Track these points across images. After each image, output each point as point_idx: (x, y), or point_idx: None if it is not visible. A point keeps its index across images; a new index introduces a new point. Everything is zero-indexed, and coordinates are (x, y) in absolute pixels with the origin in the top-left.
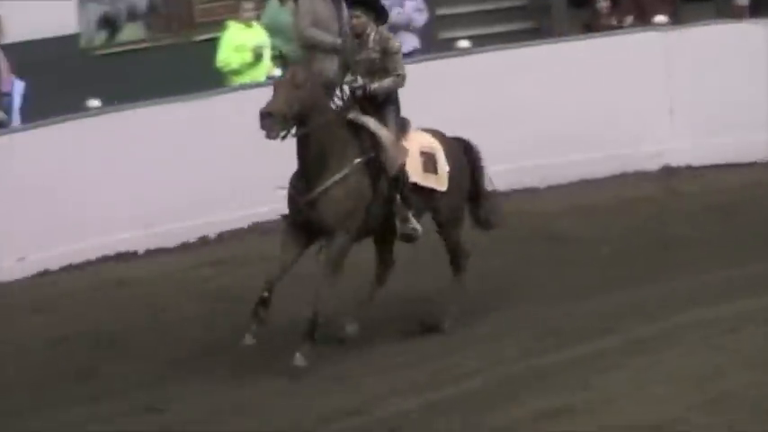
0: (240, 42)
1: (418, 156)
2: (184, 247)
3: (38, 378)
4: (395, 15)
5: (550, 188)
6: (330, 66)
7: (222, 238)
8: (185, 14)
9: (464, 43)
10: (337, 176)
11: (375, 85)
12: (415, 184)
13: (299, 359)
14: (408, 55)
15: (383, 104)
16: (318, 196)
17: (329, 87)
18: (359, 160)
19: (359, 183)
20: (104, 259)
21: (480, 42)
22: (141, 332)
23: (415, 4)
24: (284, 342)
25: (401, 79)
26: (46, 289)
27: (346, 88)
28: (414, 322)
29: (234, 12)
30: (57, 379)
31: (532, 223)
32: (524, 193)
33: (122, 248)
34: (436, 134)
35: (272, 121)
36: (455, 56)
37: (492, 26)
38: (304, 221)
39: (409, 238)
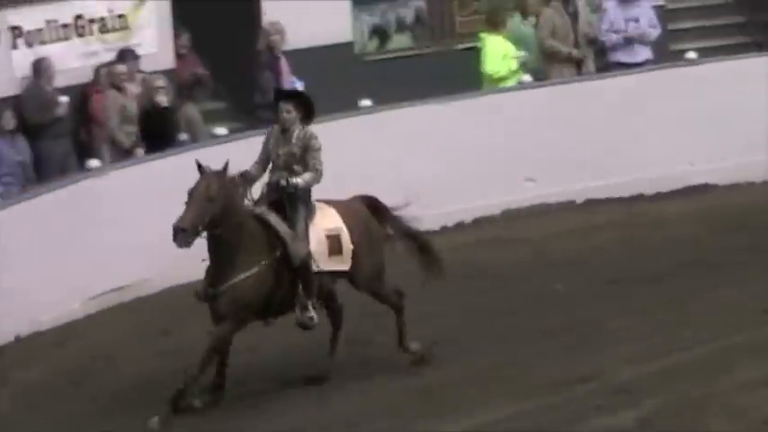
0: (504, 52)
1: (324, 240)
2: (444, 229)
3: None
4: (631, 29)
5: None
6: (568, 72)
7: (478, 222)
8: (447, 26)
9: (692, 54)
10: (242, 275)
11: (298, 181)
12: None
13: (154, 423)
14: (641, 65)
15: (296, 197)
16: (223, 291)
17: (248, 181)
18: (264, 262)
19: (263, 280)
20: None
21: (705, 54)
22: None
23: (648, 20)
24: None
25: (319, 175)
26: None
27: (274, 182)
28: None
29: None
30: None
31: None
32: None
33: None
34: (339, 207)
35: (183, 236)
36: (683, 65)
37: (716, 40)
38: (211, 308)
39: (305, 326)
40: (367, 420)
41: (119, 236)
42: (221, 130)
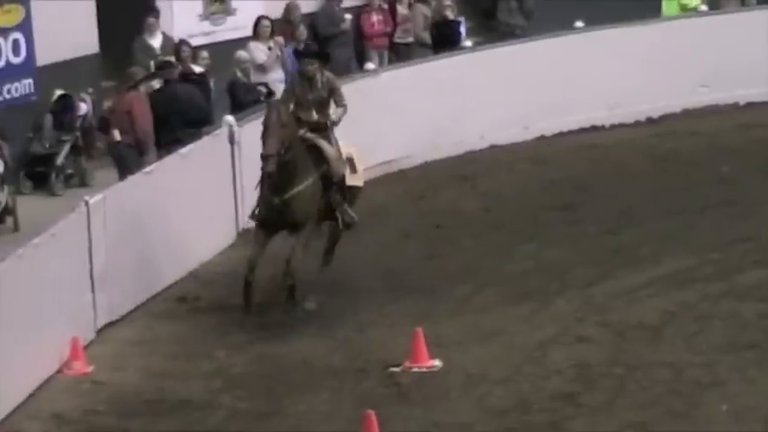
0: None
1: (346, 162)
2: (638, 123)
3: (524, 211)
4: None
5: None
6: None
7: (663, 118)
8: None
9: None
10: (302, 186)
11: (336, 118)
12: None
13: (311, 305)
14: None
15: (330, 128)
16: (291, 198)
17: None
18: (315, 174)
19: (315, 188)
20: (582, 130)
21: None
22: (606, 179)
23: None
24: None
25: (346, 109)
26: (541, 148)
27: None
28: None
29: None
30: (542, 212)
31: None
32: None
33: (595, 123)
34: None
35: (272, 161)
36: None
37: None
38: (276, 218)
39: (349, 225)
40: (574, 266)
41: (390, 120)
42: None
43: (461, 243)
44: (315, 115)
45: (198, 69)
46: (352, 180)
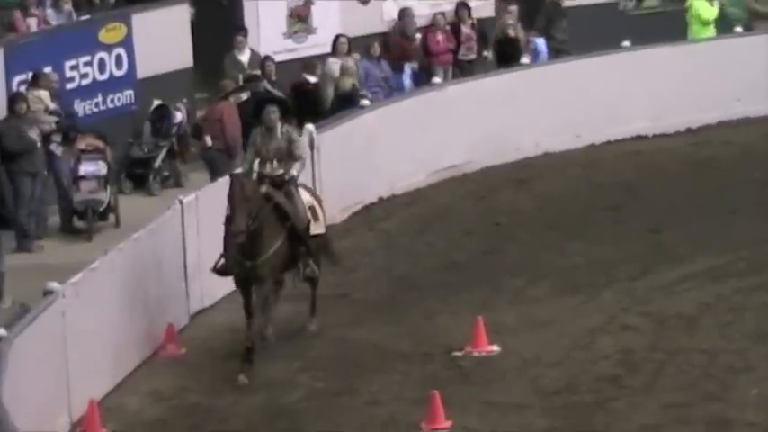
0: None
1: (307, 211)
2: (677, 133)
3: (575, 211)
4: None
5: None
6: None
7: (701, 129)
8: None
9: None
10: (272, 250)
11: (296, 173)
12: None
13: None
14: None
15: (292, 182)
16: (263, 262)
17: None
18: (283, 233)
19: (283, 248)
20: (627, 139)
21: None
22: (648, 183)
23: None
24: None
25: (304, 161)
26: (591, 155)
27: (286, 176)
28: None
29: None
30: (591, 212)
31: None
32: None
33: (640, 133)
34: (305, 188)
35: (240, 236)
36: None
37: None
38: (246, 276)
39: (312, 278)
40: (619, 262)
41: (453, 129)
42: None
43: (518, 239)
44: (275, 167)
45: (312, 80)
46: (315, 228)
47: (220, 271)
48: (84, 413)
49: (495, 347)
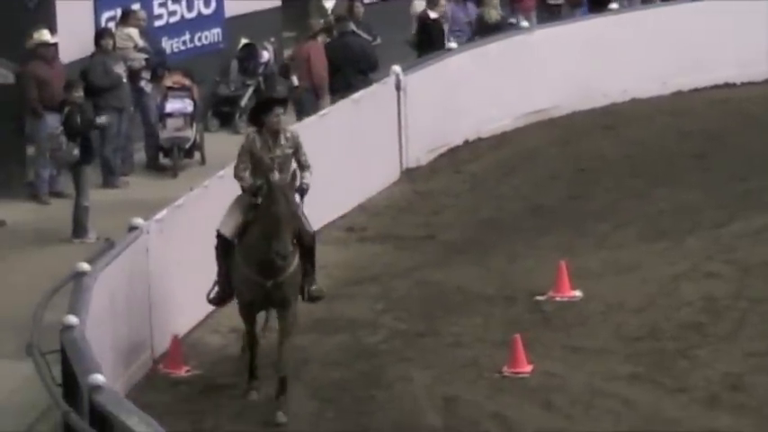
0: None
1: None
2: (766, 81)
3: (661, 158)
4: None
5: None
6: None
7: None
8: None
9: None
10: (293, 267)
11: (308, 183)
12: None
13: (280, 416)
14: None
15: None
16: (284, 280)
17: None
18: (296, 250)
19: (299, 265)
20: (715, 86)
21: None
22: (736, 130)
23: None
24: None
25: (312, 170)
26: (678, 102)
27: (304, 186)
28: None
29: None
30: (677, 159)
31: None
32: None
33: (727, 80)
34: None
35: (288, 257)
36: None
37: None
38: (264, 299)
39: (319, 296)
40: (705, 209)
41: (540, 74)
42: None
43: (603, 185)
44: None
45: (433, 15)
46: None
47: (216, 300)
48: (166, 349)
49: (578, 292)
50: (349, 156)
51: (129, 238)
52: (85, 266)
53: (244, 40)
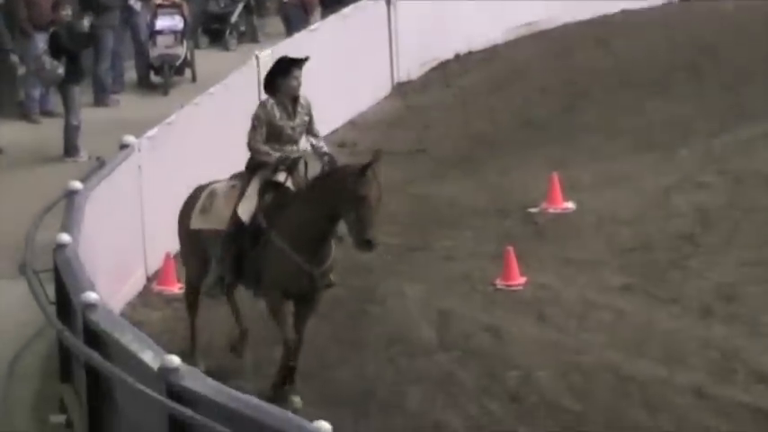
0: None
1: None
2: None
3: (653, 70)
4: None
5: None
6: None
7: None
8: None
9: None
10: (332, 252)
11: (328, 150)
12: None
13: (297, 402)
14: None
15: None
16: (329, 267)
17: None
18: None
19: None
20: None
21: None
22: (728, 42)
23: None
24: None
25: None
26: (670, 13)
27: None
28: None
29: None
30: (669, 71)
31: None
32: None
33: None
34: None
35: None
36: None
37: None
38: (303, 289)
39: (329, 285)
40: (696, 120)
41: None
42: None
43: (595, 97)
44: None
45: None
46: None
47: (214, 292)
48: (159, 267)
49: (571, 204)
50: (339, 71)
51: (120, 156)
52: (77, 185)
53: None
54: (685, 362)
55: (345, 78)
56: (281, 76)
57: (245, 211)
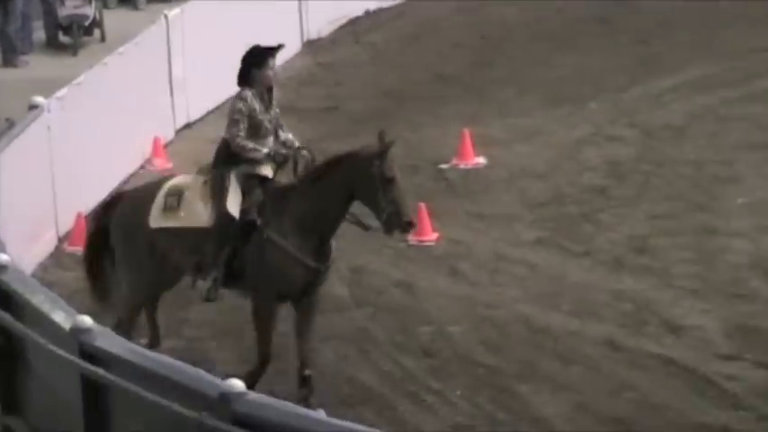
0: None
1: None
2: None
3: (564, 23)
4: None
5: None
6: None
7: None
8: None
9: None
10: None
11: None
12: None
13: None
14: None
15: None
16: (331, 262)
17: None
18: None
19: None
20: None
21: None
22: None
23: None
24: None
25: None
26: None
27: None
28: None
29: None
30: (580, 24)
31: None
32: None
33: None
34: None
35: None
36: None
37: None
38: (305, 286)
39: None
40: (607, 73)
41: None
42: None
43: (506, 52)
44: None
45: None
46: None
47: (213, 296)
48: (71, 227)
49: (482, 159)
50: (247, 28)
51: (29, 116)
52: None
53: None
54: (597, 314)
55: (254, 37)
56: (256, 66)
57: (234, 205)
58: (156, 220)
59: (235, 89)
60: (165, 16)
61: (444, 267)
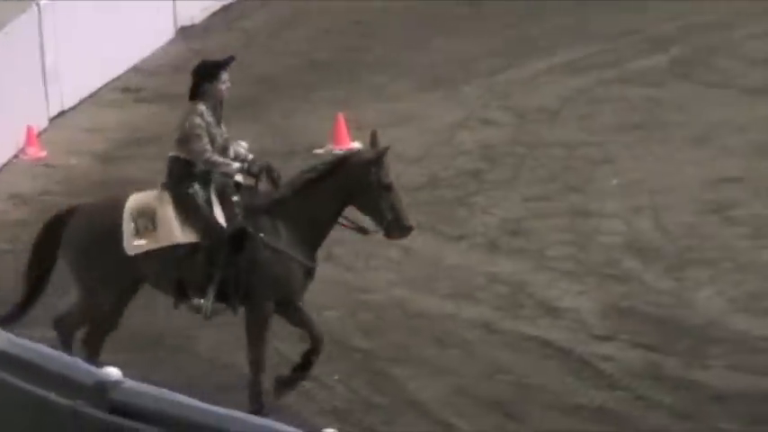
0: None
1: None
2: None
3: (436, 8)
4: None
5: None
6: None
7: None
8: None
9: None
10: None
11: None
12: None
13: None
14: None
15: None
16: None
17: None
18: None
19: None
20: None
21: None
22: None
23: None
24: None
25: None
26: None
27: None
28: None
29: None
30: (452, 8)
31: None
32: None
33: None
34: None
35: None
36: None
37: None
38: (300, 288)
39: None
40: (479, 57)
41: None
42: None
43: (379, 37)
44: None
45: None
46: None
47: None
48: None
49: (357, 144)
50: (121, 15)
51: None
52: None
53: None
54: (473, 297)
55: (128, 23)
56: (208, 80)
57: (220, 215)
58: (134, 246)
59: (109, 75)
60: (37, 4)
61: (319, 252)
